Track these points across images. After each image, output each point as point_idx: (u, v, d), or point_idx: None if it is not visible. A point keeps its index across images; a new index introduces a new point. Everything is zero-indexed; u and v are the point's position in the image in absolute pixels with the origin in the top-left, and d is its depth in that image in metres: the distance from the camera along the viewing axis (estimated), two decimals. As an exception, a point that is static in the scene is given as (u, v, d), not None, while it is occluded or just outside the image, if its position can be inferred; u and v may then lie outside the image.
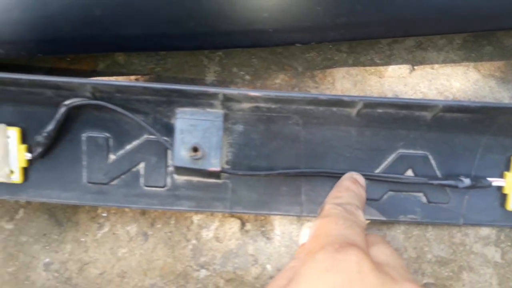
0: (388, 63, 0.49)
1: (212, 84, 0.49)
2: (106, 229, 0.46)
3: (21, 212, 0.46)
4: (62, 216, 0.46)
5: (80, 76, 0.50)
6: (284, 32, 0.41)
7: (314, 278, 0.27)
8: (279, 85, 0.49)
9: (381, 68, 0.49)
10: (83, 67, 0.50)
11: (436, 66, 0.49)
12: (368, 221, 0.44)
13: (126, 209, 0.46)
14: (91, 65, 0.50)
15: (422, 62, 0.49)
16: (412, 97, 0.48)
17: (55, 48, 0.42)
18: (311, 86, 0.49)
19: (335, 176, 0.42)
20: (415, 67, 0.49)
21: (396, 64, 0.49)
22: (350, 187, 0.37)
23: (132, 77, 0.49)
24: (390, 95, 0.48)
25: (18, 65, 0.49)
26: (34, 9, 0.39)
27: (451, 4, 0.40)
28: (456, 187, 0.41)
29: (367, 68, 0.49)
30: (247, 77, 0.49)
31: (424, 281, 0.44)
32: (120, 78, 0.49)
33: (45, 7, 0.39)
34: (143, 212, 0.46)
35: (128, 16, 0.40)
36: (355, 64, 0.49)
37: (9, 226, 0.46)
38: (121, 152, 0.42)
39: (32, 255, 0.46)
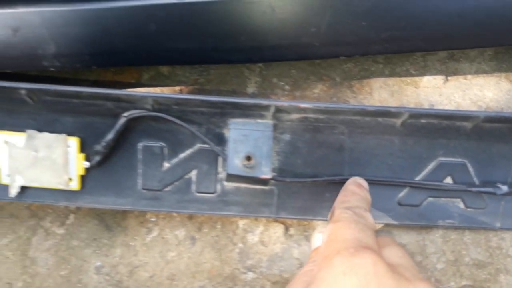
0: (422, 74, 0.52)
1: (254, 95, 0.52)
2: (155, 233, 0.49)
3: (71, 217, 0.49)
4: (111, 221, 0.49)
5: (124, 87, 0.53)
6: (330, 46, 0.44)
7: (332, 281, 0.30)
8: (318, 95, 0.52)
9: (416, 78, 0.52)
10: (127, 78, 0.53)
11: (469, 76, 0.53)
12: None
13: (174, 214, 0.49)
14: (136, 76, 0.53)
15: (455, 73, 0.53)
16: (447, 107, 0.51)
17: (110, 61, 0.46)
18: (349, 96, 0.52)
19: (379, 184, 0.45)
20: (449, 78, 0.52)
21: (431, 74, 0.52)
22: (356, 191, 0.40)
23: (176, 88, 0.52)
24: (426, 105, 0.51)
25: (63, 77, 0.52)
26: (92, 23, 0.42)
27: (488, 19, 0.43)
28: (494, 193, 0.44)
29: (403, 78, 0.52)
30: (287, 87, 0.52)
31: (463, 283, 0.47)
32: (164, 89, 0.52)
33: (102, 22, 0.42)
34: (191, 217, 0.49)
35: (181, 31, 0.43)
36: (391, 74, 0.52)
37: (61, 231, 0.49)
38: (174, 160, 0.45)
39: (83, 258, 0.49)
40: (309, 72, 0.53)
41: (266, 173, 0.43)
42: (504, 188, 0.44)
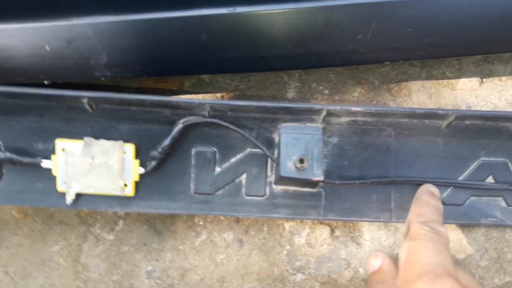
0: (458, 76, 0.57)
1: (294, 99, 0.56)
2: (203, 237, 0.53)
3: (120, 223, 0.53)
4: (160, 226, 0.53)
5: (167, 94, 0.57)
6: (375, 52, 0.48)
7: None
8: (357, 99, 0.56)
9: (453, 81, 0.57)
10: (169, 86, 0.57)
11: (503, 78, 0.57)
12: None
13: (222, 218, 0.53)
14: (177, 84, 0.57)
15: (490, 74, 0.57)
16: (483, 108, 0.56)
17: (160, 70, 0.50)
18: (388, 99, 0.56)
19: (422, 184, 0.49)
20: (484, 80, 0.57)
21: (466, 77, 0.57)
22: (430, 201, 0.44)
23: (218, 95, 0.56)
24: (463, 106, 0.56)
25: (105, 85, 0.56)
26: (143, 34, 0.46)
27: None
28: (535, 191, 0.48)
29: (440, 81, 0.57)
30: (326, 91, 0.57)
31: (506, 280, 0.51)
32: (206, 95, 0.56)
33: (154, 32, 0.46)
34: (237, 220, 0.53)
35: (231, 41, 0.47)
36: (428, 77, 0.57)
37: (110, 237, 0.53)
38: (226, 164, 0.49)
39: (134, 263, 0.52)
40: (347, 76, 0.57)
41: (318, 175, 0.46)
42: (545, 186, 0.48)
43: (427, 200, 0.44)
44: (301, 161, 0.46)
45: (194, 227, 0.53)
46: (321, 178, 0.46)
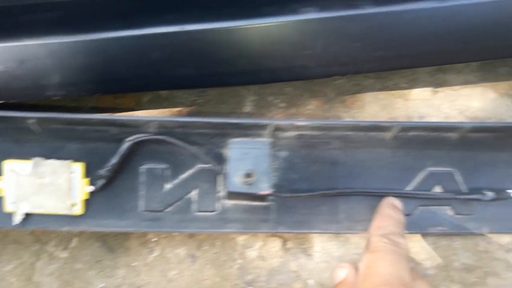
0: (412, 87, 0.59)
1: (251, 113, 0.58)
2: (156, 253, 0.54)
3: (74, 240, 0.54)
4: (114, 243, 0.54)
5: (124, 110, 0.59)
6: (324, 67, 0.50)
7: None
8: (312, 111, 0.58)
9: (406, 91, 0.59)
10: (127, 102, 0.59)
11: (456, 87, 0.59)
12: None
13: (175, 233, 0.54)
14: (135, 100, 0.59)
15: (442, 84, 0.60)
16: (435, 118, 0.58)
17: (114, 88, 0.51)
18: (342, 111, 0.58)
19: (371, 195, 0.52)
20: (437, 89, 0.59)
21: (419, 87, 0.59)
22: (391, 214, 0.47)
23: (175, 110, 0.58)
24: (415, 116, 0.58)
25: (62, 105, 0.57)
26: (96, 53, 0.47)
27: (473, 37, 0.50)
28: (480, 200, 0.51)
29: (393, 92, 0.59)
30: (282, 104, 0.59)
31: (453, 287, 0.54)
32: (163, 110, 0.58)
33: (106, 51, 0.47)
34: (191, 236, 0.55)
35: (182, 58, 0.48)
36: (382, 88, 0.59)
37: (64, 254, 0.54)
38: (176, 181, 0.51)
39: (87, 281, 0.54)
40: (303, 89, 0.59)
41: (265, 189, 0.48)
42: (490, 195, 0.51)
43: (388, 213, 0.47)
44: (248, 175, 0.48)
45: (147, 244, 0.55)
46: (269, 191, 0.48)
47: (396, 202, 0.49)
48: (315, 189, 0.52)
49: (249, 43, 0.47)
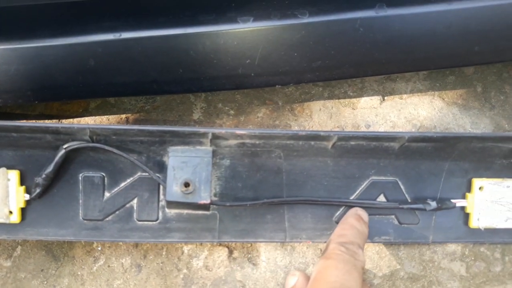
0: (360, 95, 0.57)
1: (199, 120, 0.56)
2: (101, 262, 0.51)
3: (18, 249, 0.51)
4: (58, 252, 0.51)
5: (72, 116, 0.56)
6: (264, 76, 0.48)
7: None
8: (261, 119, 0.56)
9: (354, 100, 0.57)
10: (74, 108, 0.56)
11: (404, 96, 0.57)
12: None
13: (120, 242, 0.51)
14: (83, 105, 0.56)
15: (391, 93, 0.57)
16: (382, 126, 0.56)
17: (51, 96, 0.48)
18: (290, 119, 0.56)
19: (315, 203, 0.49)
20: (385, 98, 0.57)
21: (368, 95, 0.57)
22: (354, 224, 0.44)
23: (123, 116, 0.55)
24: (363, 125, 0.56)
25: (6, 112, 0.54)
26: (31, 61, 0.45)
27: (415, 45, 0.48)
28: (424, 209, 0.48)
29: (341, 100, 0.56)
30: (232, 112, 0.56)
31: (400, 297, 0.51)
32: (111, 117, 0.55)
33: (41, 59, 0.45)
34: (136, 245, 0.52)
35: (119, 66, 0.46)
36: (330, 97, 0.57)
37: (7, 263, 0.51)
38: (115, 189, 0.48)
39: (30, 290, 0.51)
40: (253, 96, 0.56)
41: (204, 198, 0.46)
42: (433, 204, 0.48)
43: (351, 223, 0.44)
44: (186, 184, 0.45)
45: (93, 252, 0.52)
46: (208, 201, 0.46)
47: (362, 213, 0.46)
48: (260, 198, 0.49)
49: (186, 51, 0.45)
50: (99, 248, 0.52)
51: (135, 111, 0.56)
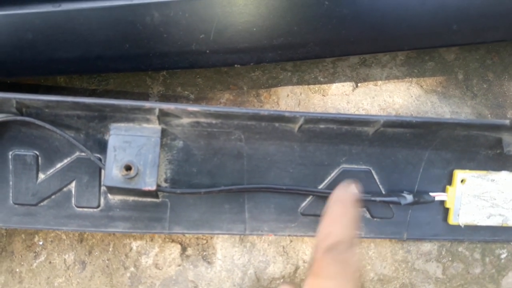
0: (331, 81, 0.49)
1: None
2: (42, 258, 0.42)
3: None
4: (-9, 244, 0.42)
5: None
6: (221, 53, 0.40)
7: None
8: (224, 104, 0.48)
9: (325, 86, 0.49)
10: (24, 90, 0.47)
11: (379, 82, 0.49)
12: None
13: (63, 237, 0.42)
14: (32, 88, 0.47)
15: (365, 79, 0.49)
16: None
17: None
18: (256, 105, 0.48)
19: (279, 192, 0.41)
20: (359, 84, 0.49)
21: (340, 82, 0.49)
22: (339, 213, 0.32)
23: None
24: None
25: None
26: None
27: (386, 23, 0.40)
28: (398, 203, 0.40)
29: (311, 86, 0.48)
30: (192, 96, 0.48)
31: (371, 301, 0.42)
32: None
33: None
34: (80, 239, 0.42)
35: (59, 40, 0.37)
36: (300, 82, 0.48)
37: None
38: (51, 171, 0.39)
39: (-46, 287, 0.41)
40: (216, 80, 0.48)
41: (150, 184, 0.37)
42: (409, 198, 0.40)
43: (336, 213, 0.33)
44: (128, 168, 0.36)
45: (34, 247, 0.42)
46: (154, 187, 0.37)
47: (347, 193, 0.33)
48: (218, 185, 0.40)
49: (132, 23, 0.37)
50: (41, 243, 0.42)
51: (87, 94, 0.47)
